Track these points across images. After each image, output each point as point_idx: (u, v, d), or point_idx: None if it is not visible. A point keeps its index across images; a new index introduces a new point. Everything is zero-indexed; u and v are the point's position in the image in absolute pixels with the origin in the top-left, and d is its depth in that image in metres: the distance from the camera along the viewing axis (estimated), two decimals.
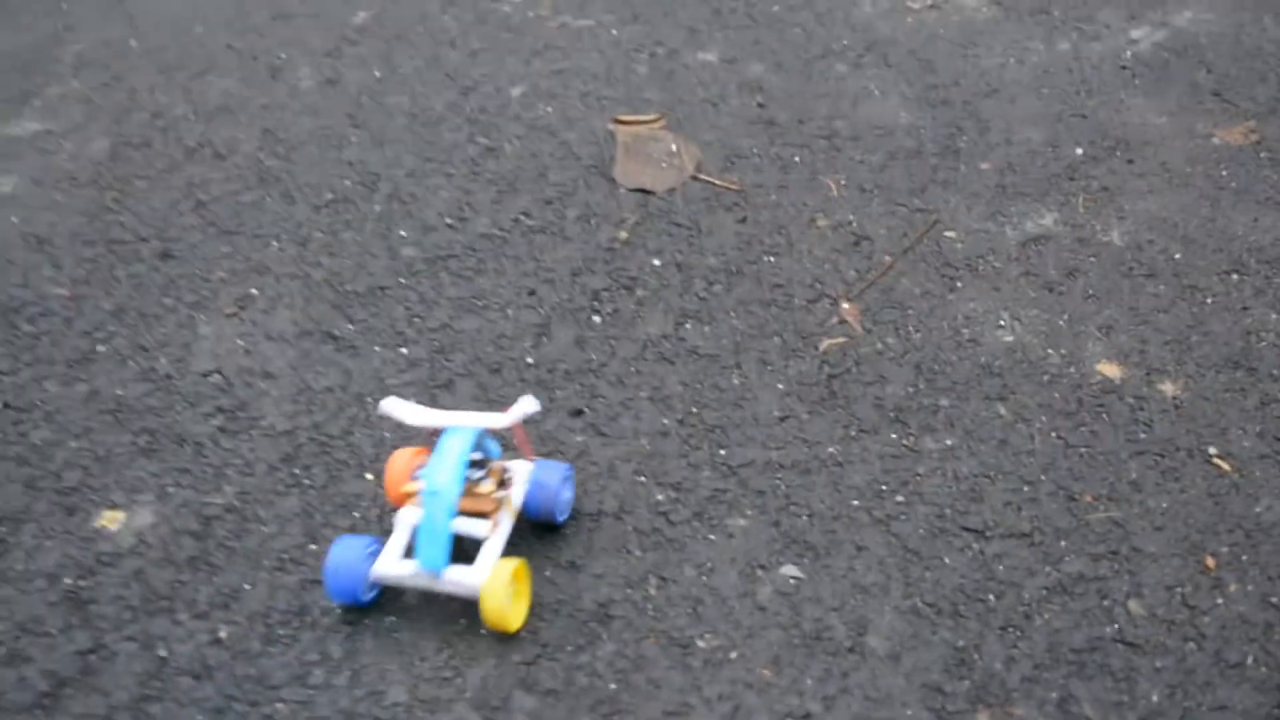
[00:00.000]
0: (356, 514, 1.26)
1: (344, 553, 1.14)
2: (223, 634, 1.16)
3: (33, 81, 2.06)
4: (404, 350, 1.45)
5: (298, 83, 1.98)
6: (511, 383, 1.40)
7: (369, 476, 1.30)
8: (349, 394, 1.40)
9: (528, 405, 1.17)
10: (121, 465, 1.33)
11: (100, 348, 1.48)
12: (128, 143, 1.87)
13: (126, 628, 1.17)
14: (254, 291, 1.55)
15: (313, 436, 1.34)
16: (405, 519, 1.20)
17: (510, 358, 1.43)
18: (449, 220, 1.64)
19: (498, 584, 1.12)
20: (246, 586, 1.20)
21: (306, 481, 1.30)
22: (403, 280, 1.55)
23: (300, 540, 1.24)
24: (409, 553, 1.15)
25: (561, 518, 1.20)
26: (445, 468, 1.14)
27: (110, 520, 1.27)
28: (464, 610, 1.15)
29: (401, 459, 1.23)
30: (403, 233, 1.62)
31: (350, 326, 1.48)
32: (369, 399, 1.39)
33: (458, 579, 1.15)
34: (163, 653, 1.15)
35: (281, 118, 1.89)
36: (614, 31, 2.07)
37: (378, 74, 1.99)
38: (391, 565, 1.17)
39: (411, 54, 2.04)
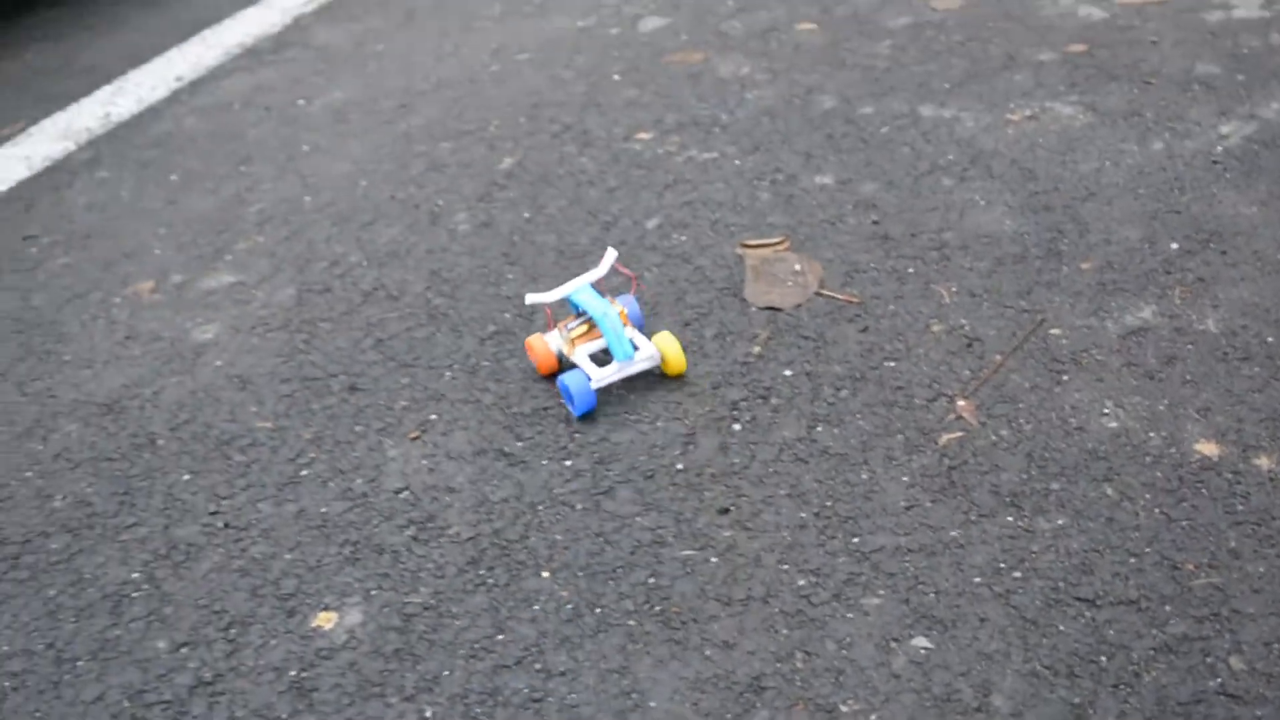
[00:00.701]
0: (537, 607, 1.45)
1: (578, 382, 1.71)
2: (428, 714, 1.35)
3: (223, 239, 2.34)
4: (568, 463, 1.65)
5: (455, 226, 2.22)
6: (664, 487, 1.58)
7: (545, 575, 1.49)
8: (523, 503, 1.60)
9: (610, 254, 1.79)
10: (331, 573, 1.54)
11: (304, 471, 1.71)
12: (310, 289, 2.12)
13: (345, 711, 1.37)
14: (433, 417, 1.77)
15: (494, 542, 1.55)
16: (581, 355, 1.78)
17: (662, 465, 1.62)
18: None
19: (666, 339, 1.78)
20: (446, 673, 1.39)
21: (491, 581, 1.50)
22: (563, 402, 1.75)
23: (489, 632, 1.43)
24: (601, 364, 1.80)
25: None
26: (595, 301, 1.76)
27: (325, 620, 1.48)
28: (630, 687, 1.32)
29: (538, 342, 1.81)
30: None
31: (519, 444, 1.69)
32: (540, 506, 1.59)
33: (642, 356, 1.77)
34: None
35: (444, 259, 2.13)
36: (736, 162, 2.29)
37: (526, 215, 2.22)
38: (601, 374, 1.75)
39: (555, 194, 2.27)
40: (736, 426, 1.65)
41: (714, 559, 1.47)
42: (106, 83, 3.23)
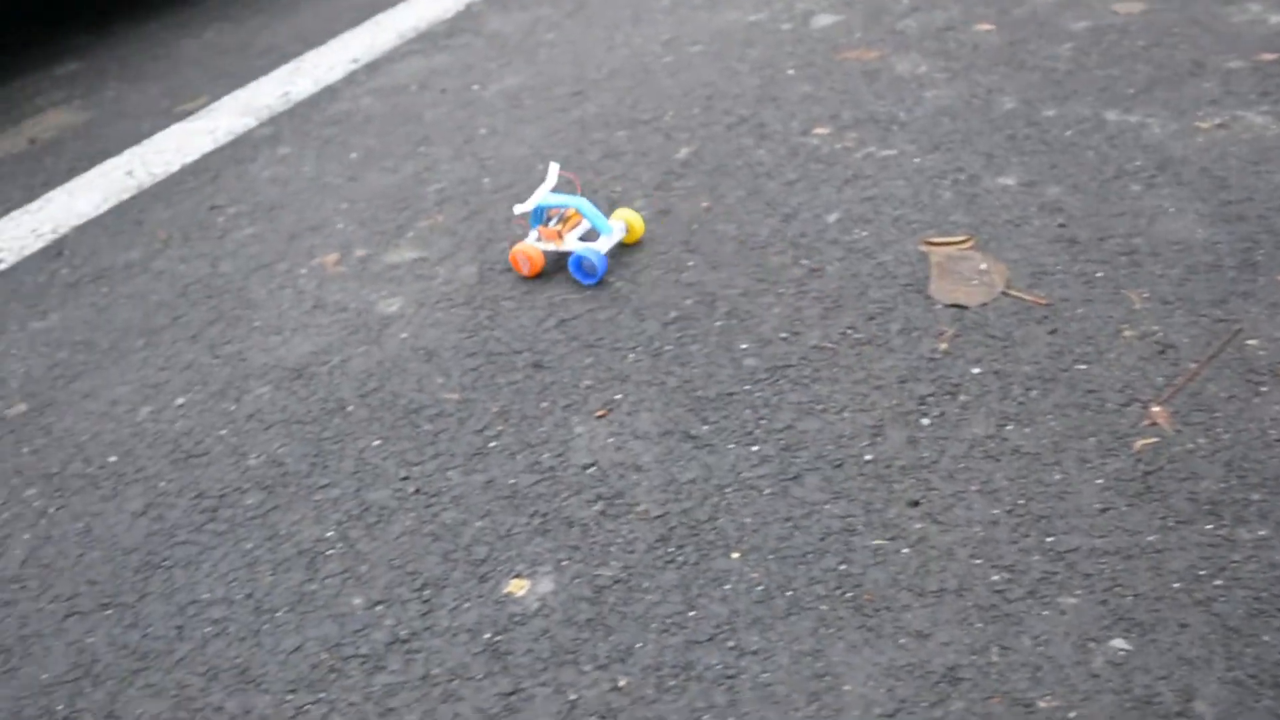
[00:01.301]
0: (727, 587, 1.46)
1: (594, 252, 2.07)
2: (621, 683, 1.37)
3: (404, 216, 2.39)
4: (755, 448, 1.66)
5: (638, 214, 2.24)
6: (853, 476, 1.59)
7: (734, 556, 1.50)
8: (710, 485, 1.61)
9: (554, 166, 2.16)
10: (521, 542, 1.57)
11: (492, 443, 1.74)
12: (492, 268, 2.16)
13: (540, 675, 1.40)
14: (618, 396, 1.79)
15: (682, 521, 1.56)
16: (572, 240, 2.14)
17: (850, 455, 1.63)
18: (783, 334, 1.85)
19: (626, 213, 2.17)
20: (638, 645, 1.41)
21: (680, 559, 1.51)
22: (747, 387, 1.76)
23: (680, 608, 1.45)
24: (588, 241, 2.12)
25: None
26: (568, 197, 2.12)
27: (517, 587, 1.51)
28: (824, 670, 1.33)
29: (529, 248, 2.14)
30: (743, 345, 1.85)
31: (705, 427, 1.71)
32: (728, 489, 1.60)
33: (617, 230, 2.14)
34: (573, 696, 1.37)
35: (624, 245, 2.15)
36: (916, 160, 2.28)
37: (705, 204, 2.24)
38: (600, 245, 2.10)
39: (733, 185, 2.29)
40: (925, 421, 1.65)
41: (905, 550, 1.47)
42: (284, 63, 3.32)
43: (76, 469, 1.87)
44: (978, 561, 1.44)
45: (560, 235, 2.13)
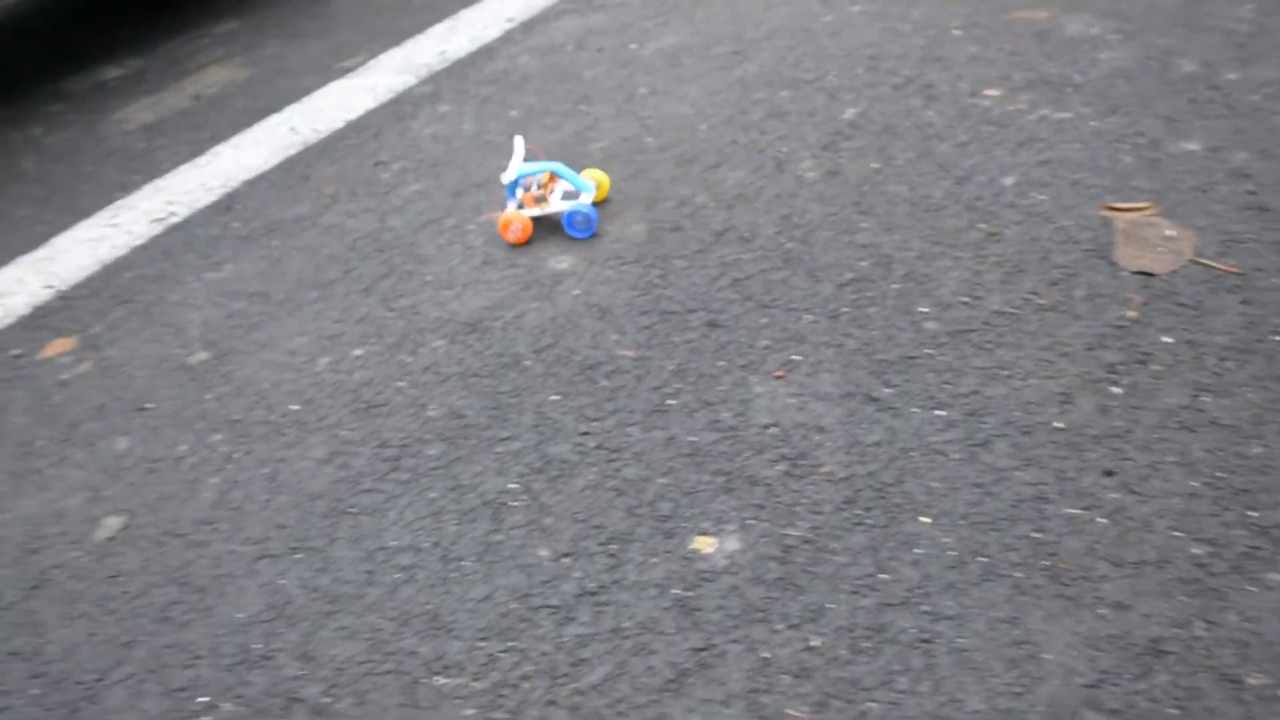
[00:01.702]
0: (919, 551, 1.45)
1: (585, 208, 2.18)
2: (814, 643, 1.37)
3: None
4: (940, 413, 1.64)
5: (803, 173, 2.23)
6: (1043, 444, 1.56)
7: (924, 520, 1.49)
8: (895, 448, 1.60)
9: (519, 140, 2.27)
10: (706, 500, 1.57)
11: (670, 401, 1.75)
12: (660, 226, 2.16)
13: (731, 632, 1.40)
14: (796, 357, 1.78)
15: (869, 484, 1.55)
16: (557, 200, 2.25)
17: (1039, 422, 1.60)
18: (963, 298, 1.83)
19: (595, 173, 2.29)
20: (829, 605, 1.41)
21: (869, 521, 1.50)
22: (929, 351, 1.74)
23: (871, 570, 1.44)
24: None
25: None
26: (543, 163, 2.23)
27: (703, 544, 1.51)
28: (1022, 638, 1.31)
29: (515, 215, 2.23)
30: (922, 309, 1.82)
31: (888, 390, 1.69)
32: (914, 453, 1.58)
33: (590, 187, 2.22)
34: (765, 654, 1.37)
35: (793, 205, 2.14)
36: (1093, 123, 2.22)
37: (875, 165, 2.21)
38: (584, 200, 2.22)
39: (902, 146, 2.25)
40: (1116, 390, 1.62)
41: (1101, 520, 1.44)
42: (440, 21, 3.34)
43: (259, 416, 1.91)
44: (1178, 534, 1.41)
45: (546, 199, 2.22)
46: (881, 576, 1.41)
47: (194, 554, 1.67)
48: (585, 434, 1.70)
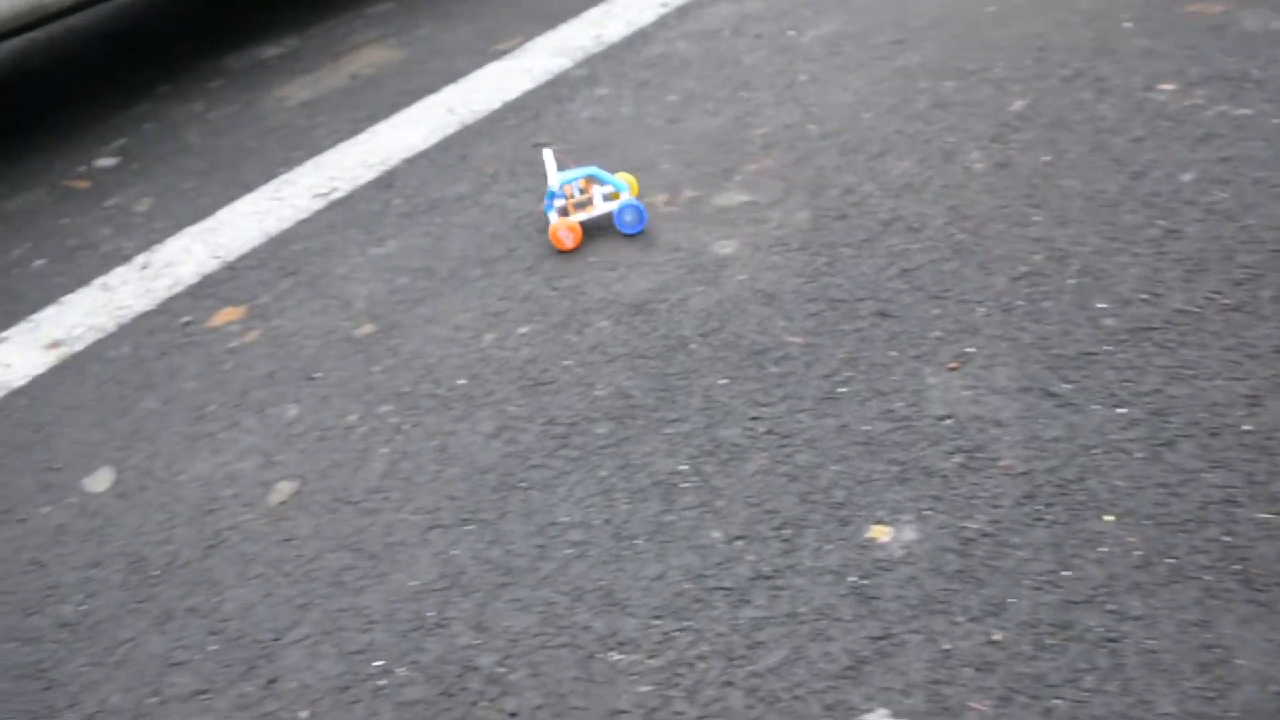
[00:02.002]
0: (1103, 549, 1.42)
1: (636, 204, 2.23)
2: (996, 637, 1.35)
3: (730, 159, 2.39)
4: (1121, 410, 1.60)
5: (971, 165, 2.20)
6: (1231, 446, 1.52)
7: (1107, 518, 1.46)
8: (1075, 445, 1.57)
9: (548, 152, 2.32)
10: (881, 489, 1.56)
11: (841, 389, 1.73)
12: (826, 214, 2.14)
13: (910, 622, 1.39)
14: (970, 350, 1.76)
15: (1049, 480, 1.53)
16: (600, 203, 2.28)
17: (1227, 424, 1.56)
18: (1143, 295, 1.79)
19: (625, 176, 2.29)
20: (1011, 600, 1.39)
21: (1050, 517, 1.48)
22: (1108, 347, 1.71)
23: (1053, 566, 1.42)
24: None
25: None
26: (578, 170, 2.26)
27: (879, 533, 1.50)
28: (1213, 642, 1.28)
29: (559, 225, 2.24)
30: (1100, 304, 1.79)
31: (1066, 386, 1.66)
32: (1095, 450, 1.55)
33: (625, 190, 2.25)
34: (946, 646, 1.35)
35: (962, 196, 2.11)
36: (1275, 121, 2.16)
37: (1046, 158, 2.17)
38: (631, 200, 2.22)
39: (1074, 140, 2.21)
40: None
41: None
42: (594, 6, 3.36)
43: (427, 389, 1.94)
44: None
45: (590, 203, 2.23)
46: (1064, 573, 1.39)
47: (366, 521, 1.70)
48: (755, 419, 1.70)
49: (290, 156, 2.93)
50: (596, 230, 2.26)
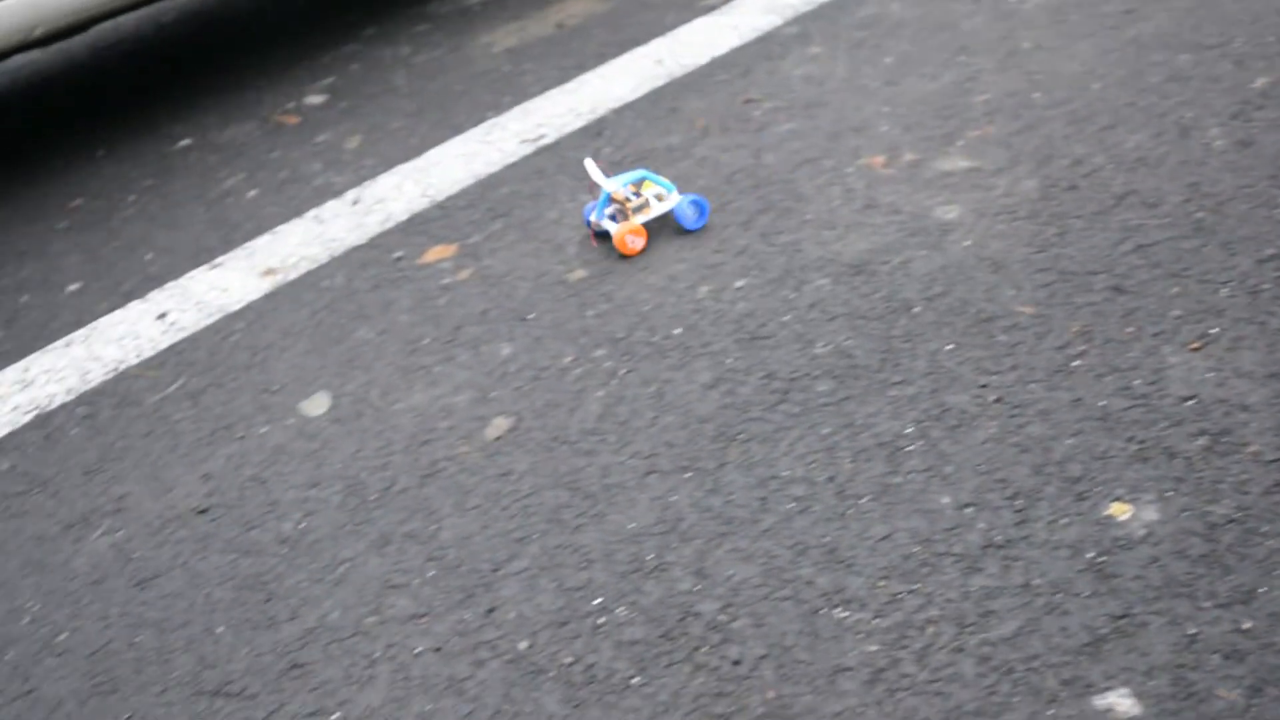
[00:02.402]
0: None
1: (697, 199, 2.23)
2: (1246, 625, 1.30)
3: (951, 124, 2.33)
4: None
5: (1210, 141, 2.11)
6: None
7: None
8: None
9: (590, 165, 2.21)
10: (1119, 466, 1.51)
11: (1075, 363, 1.68)
12: (1055, 185, 2.08)
13: (1152, 604, 1.34)
14: (1213, 330, 1.69)
15: None
16: (657, 203, 2.25)
17: None
18: None
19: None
20: (1262, 589, 1.33)
21: None
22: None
23: None
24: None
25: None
26: (636, 172, 2.24)
27: (1119, 511, 1.45)
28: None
29: (626, 227, 2.21)
30: None
31: None
32: None
33: (674, 189, 2.22)
34: (1191, 631, 1.30)
35: (1202, 173, 2.03)
36: None
37: None
38: (690, 195, 2.21)
39: None
40: None
41: None
42: None
43: (642, 336, 1.93)
44: None
45: (647, 204, 2.21)
46: None
47: (582, 461, 1.70)
48: (984, 386, 1.66)
49: (498, 101, 2.95)
50: (811, 186, 2.23)
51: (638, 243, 2.20)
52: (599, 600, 1.50)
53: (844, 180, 2.23)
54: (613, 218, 2.22)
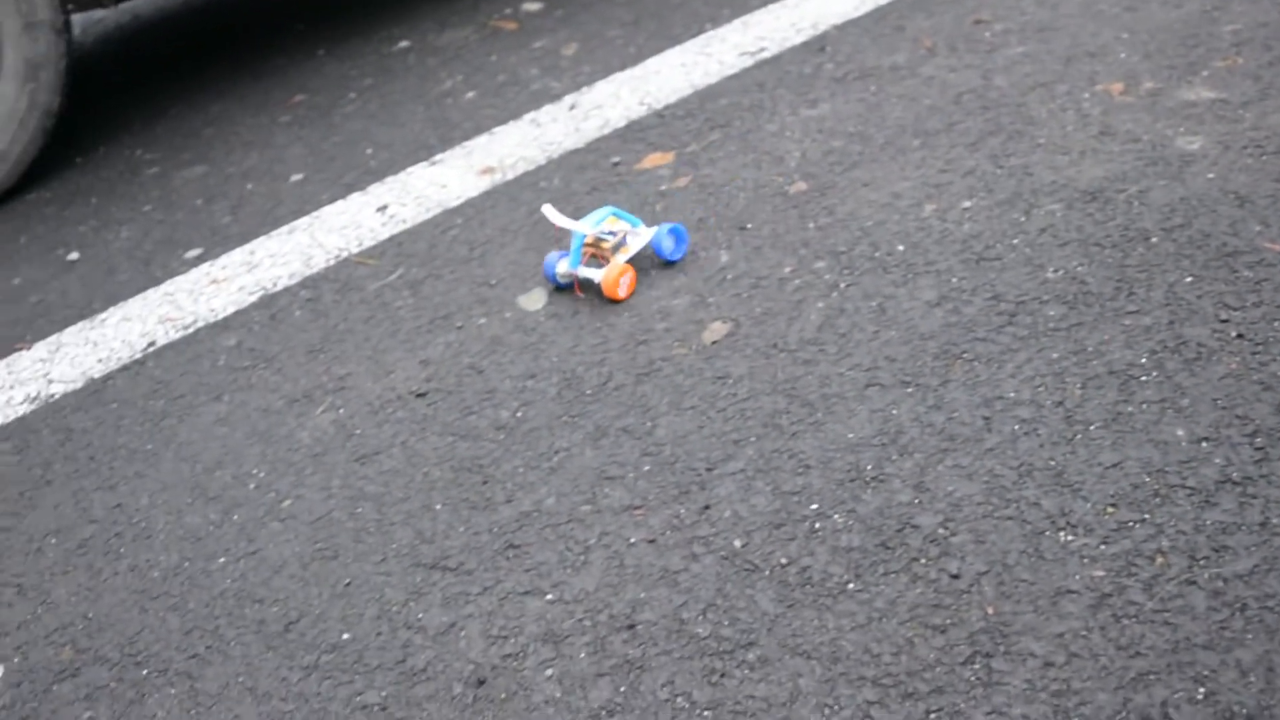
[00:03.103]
0: None
1: (674, 228, 2.04)
2: None
3: (1196, 54, 2.24)
4: None
5: None
6: None
7: None
8: None
9: (551, 213, 2.03)
10: None
11: None
12: None
13: None
14: None
15: None
16: (634, 239, 2.03)
17: None
18: None
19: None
20: None
21: None
22: None
23: None
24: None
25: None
26: (604, 210, 2.02)
27: None
28: None
29: (612, 269, 1.99)
30: None
31: None
32: None
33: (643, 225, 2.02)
34: None
35: None
36: None
37: None
38: (665, 224, 2.00)
39: None
40: None
41: None
42: None
43: (864, 251, 1.91)
44: None
45: (625, 242, 2.04)
46: None
47: (801, 370, 1.70)
48: (1224, 321, 1.60)
49: (716, 14, 2.93)
50: (1044, 110, 2.16)
51: (626, 284, 2.03)
52: (815, 506, 1.50)
53: (1079, 106, 2.16)
54: (594, 262, 2.05)
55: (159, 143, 3.10)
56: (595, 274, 1.99)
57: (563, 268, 2.02)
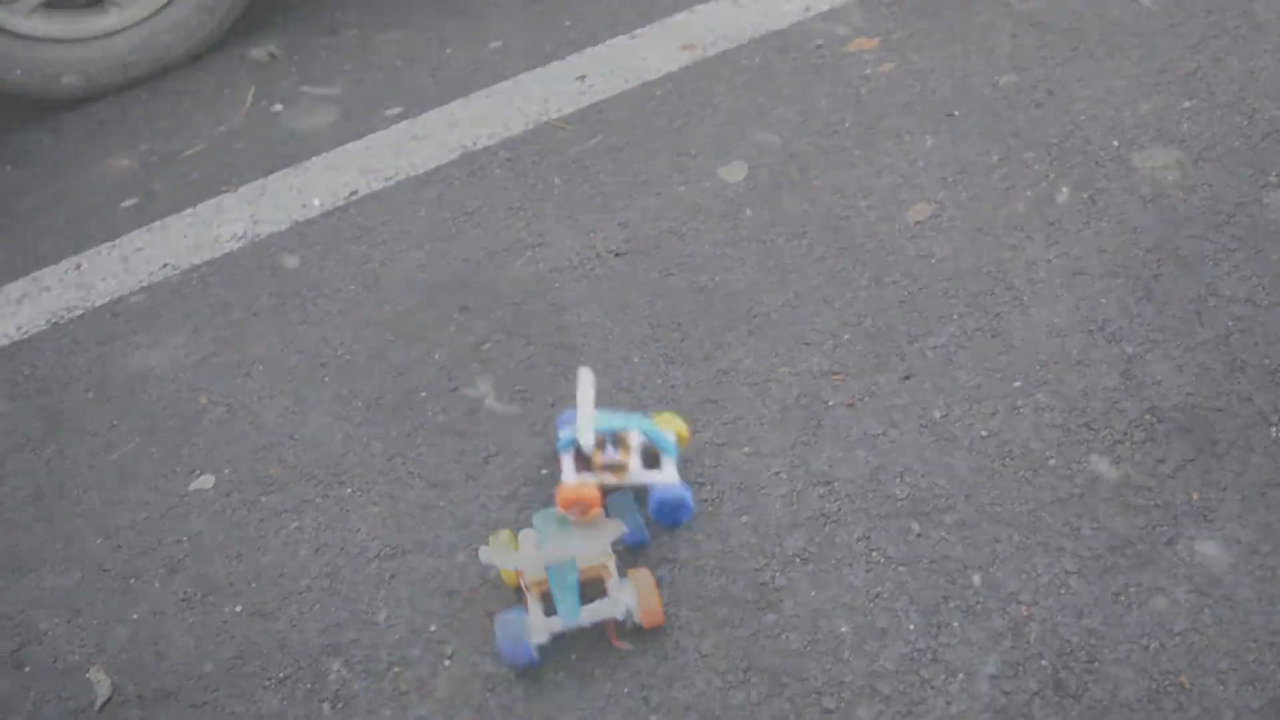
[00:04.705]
0: None
1: (676, 497, 1.50)
2: None
3: None
4: None
5: None
6: None
7: None
8: None
9: (585, 377, 1.52)
10: None
11: None
12: None
13: None
14: None
15: None
16: (636, 471, 1.50)
17: None
18: None
19: (669, 417, 1.58)
20: None
21: None
22: None
23: None
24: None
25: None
26: (633, 419, 1.54)
27: None
28: None
29: (575, 492, 1.43)
30: None
31: None
32: None
33: (671, 454, 1.52)
34: None
35: None
36: None
37: None
38: (668, 476, 1.50)
39: None
40: None
41: None
42: None
43: (1075, 145, 1.89)
44: None
45: (624, 466, 1.50)
46: None
47: (1007, 254, 1.70)
48: None
49: None
50: (1273, 15, 2.09)
51: (576, 510, 1.45)
52: (1018, 383, 1.51)
53: None
54: (587, 464, 1.52)
55: (359, 6, 3.16)
56: (569, 472, 1.51)
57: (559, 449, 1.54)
